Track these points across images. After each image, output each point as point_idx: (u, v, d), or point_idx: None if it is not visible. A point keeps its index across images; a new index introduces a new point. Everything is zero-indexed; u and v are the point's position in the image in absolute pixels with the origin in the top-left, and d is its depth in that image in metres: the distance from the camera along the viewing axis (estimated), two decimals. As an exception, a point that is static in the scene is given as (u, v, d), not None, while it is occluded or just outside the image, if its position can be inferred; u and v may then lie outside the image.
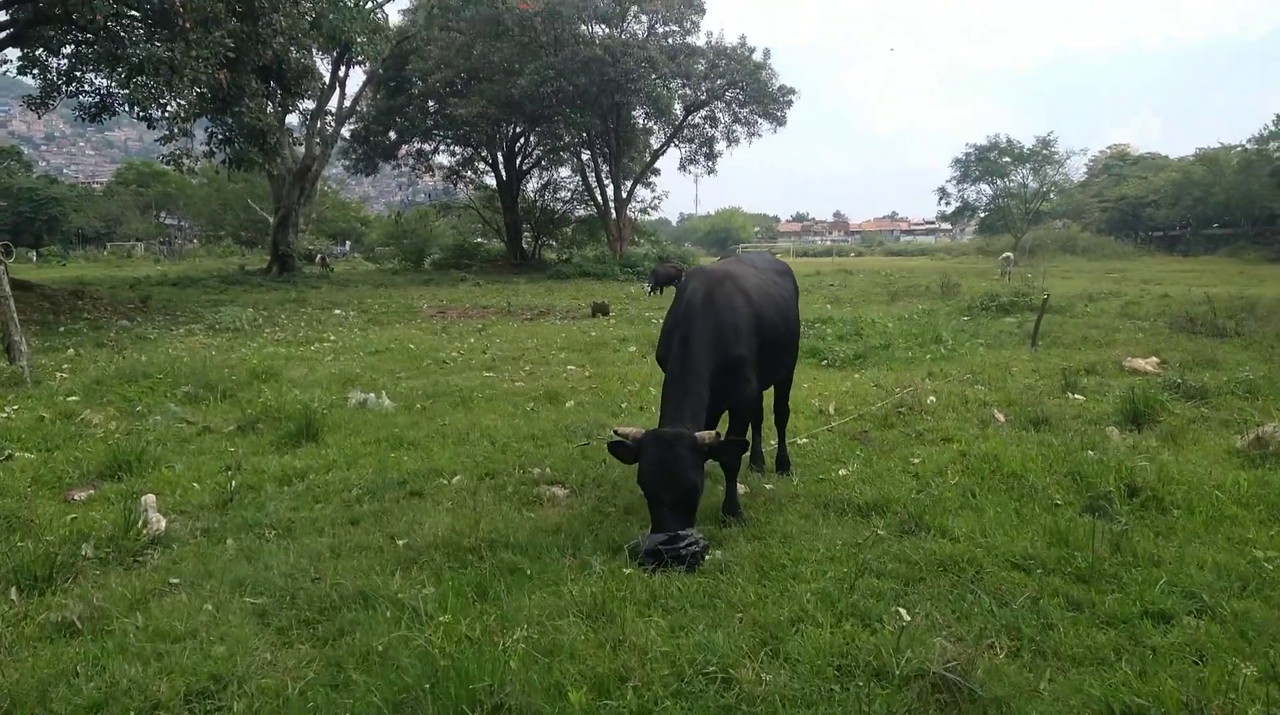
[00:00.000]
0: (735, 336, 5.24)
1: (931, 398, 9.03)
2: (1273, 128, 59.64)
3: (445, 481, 6.26)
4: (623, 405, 9.07)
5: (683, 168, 45.72)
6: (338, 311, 21.42)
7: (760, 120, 42.63)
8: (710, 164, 44.74)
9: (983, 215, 67.19)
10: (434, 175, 49.09)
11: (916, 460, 6.73)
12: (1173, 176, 67.14)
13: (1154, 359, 11.30)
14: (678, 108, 42.37)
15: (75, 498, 6.09)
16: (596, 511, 5.57)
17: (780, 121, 42.21)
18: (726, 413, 5.62)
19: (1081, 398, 9.25)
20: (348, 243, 67.05)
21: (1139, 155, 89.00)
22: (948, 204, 66.78)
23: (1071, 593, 4.22)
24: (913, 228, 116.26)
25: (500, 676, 3.16)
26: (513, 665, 3.32)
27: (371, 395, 9.04)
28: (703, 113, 43.44)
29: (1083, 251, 58.15)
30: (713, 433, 4.87)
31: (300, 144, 36.17)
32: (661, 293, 26.43)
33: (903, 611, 4.00)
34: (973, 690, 3.20)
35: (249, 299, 24.42)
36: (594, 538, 5.03)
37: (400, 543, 4.97)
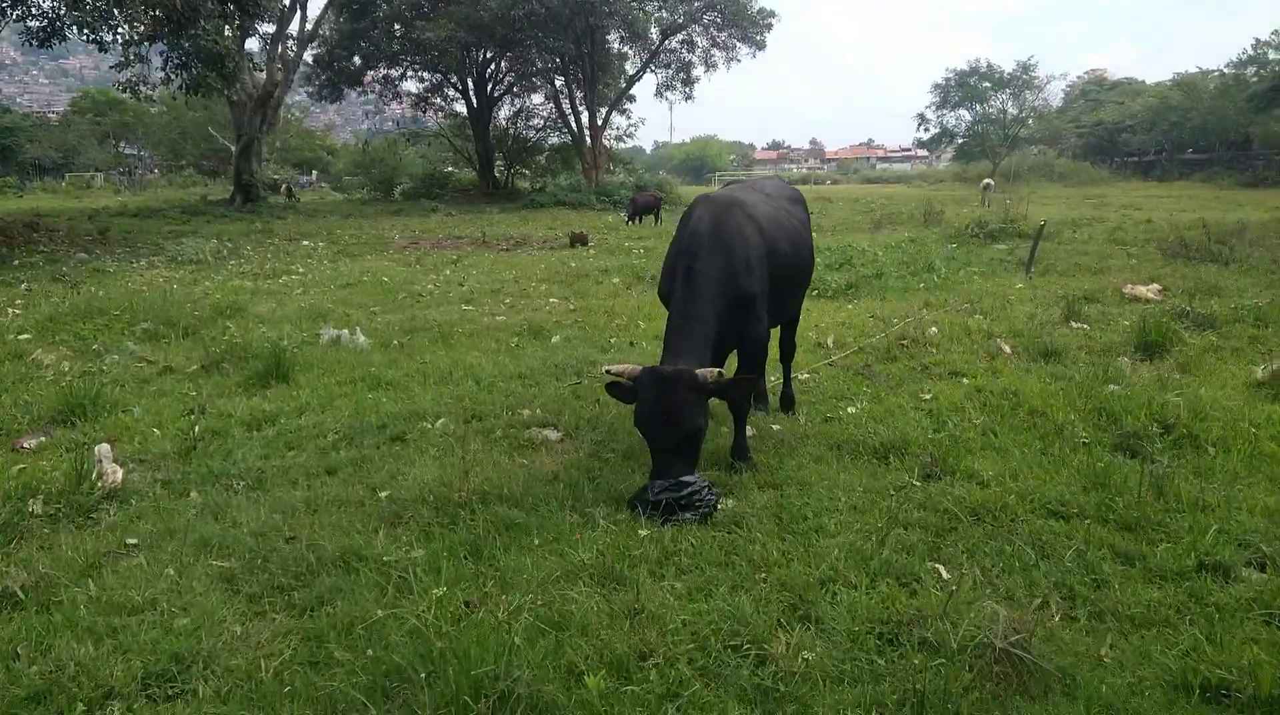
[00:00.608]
0: (746, 271, 4.77)
1: (933, 329, 8.66)
2: (1250, 52, 59.17)
3: (428, 425, 5.81)
4: (611, 340, 8.62)
5: (659, 94, 44.42)
6: (305, 242, 20.60)
7: (739, 44, 41.29)
8: (688, 90, 43.50)
9: (961, 142, 66.45)
10: (402, 102, 47.38)
11: (928, 396, 6.37)
12: (1150, 102, 66.47)
13: (1155, 286, 10.97)
14: (654, 31, 40.96)
15: (24, 446, 5.59)
16: (594, 457, 5.16)
17: (760, 45, 40.91)
18: (734, 353, 5.17)
19: (1086, 327, 8.92)
20: (313, 172, 64.98)
21: (1116, 80, 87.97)
22: (926, 130, 66.00)
23: (1118, 543, 3.88)
24: (889, 155, 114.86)
25: (506, 660, 2.75)
26: (517, 642, 2.91)
27: (345, 331, 8.52)
28: (680, 36, 41.98)
29: (1059, 177, 57.64)
30: (715, 371, 4.44)
31: (261, 69, 34.55)
32: (640, 222, 25.78)
33: (941, 568, 3.65)
34: (1037, 664, 2.85)
35: (212, 230, 23.44)
36: (595, 487, 4.62)
37: (383, 495, 4.53)
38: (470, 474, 4.61)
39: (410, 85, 45.72)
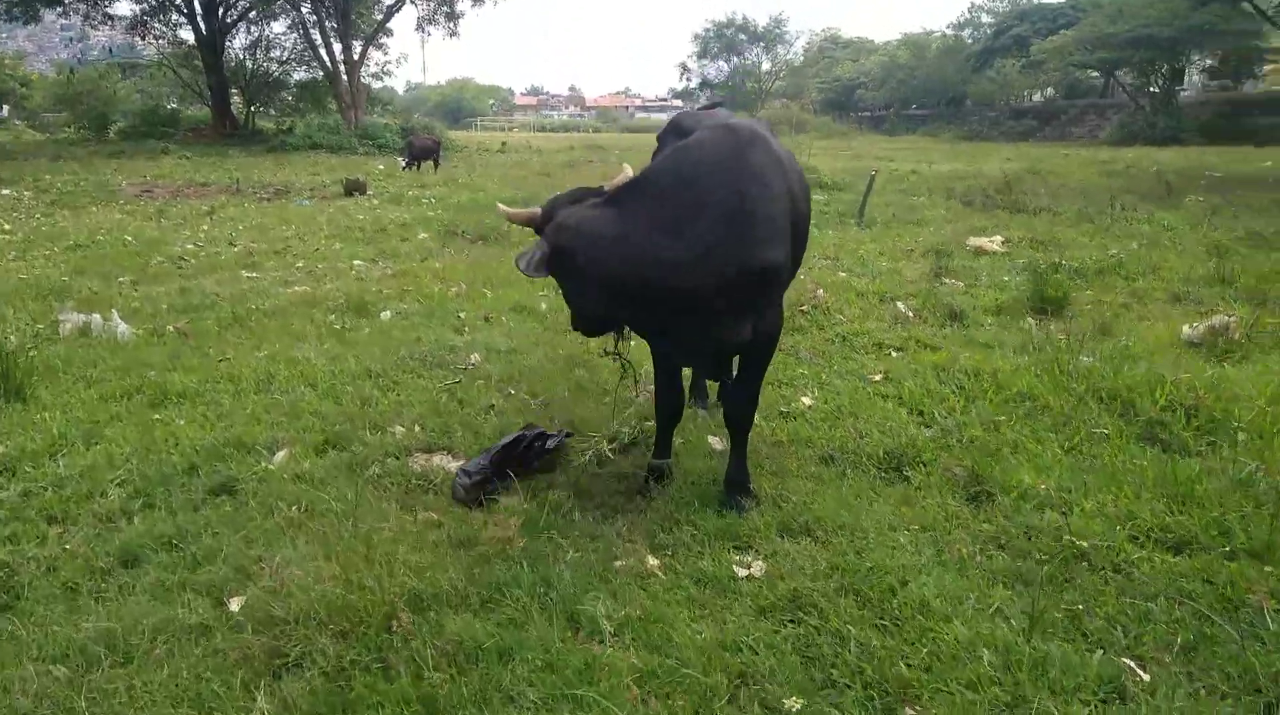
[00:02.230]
0: (772, 232, 3.39)
1: (820, 292, 7.75)
2: (968, 15, 64.70)
3: (264, 464, 4.02)
4: (460, 314, 6.97)
5: (420, 28, 41.05)
6: (6, 191, 16.65)
7: (505, -23, 38.88)
8: (452, 25, 40.45)
9: (718, 93, 67.88)
10: (113, 27, 40.59)
11: (878, 377, 5.41)
12: (881, 60, 70.92)
13: (999, 238, 10.79)
14: (413, -44, 37.61)
15: None
16: (536, 501, 3.68)
17: (527, -20, 38.72)
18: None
19: (960, 283, 8.42)
20: (4, 107, 54.80)
21: (849, 39, 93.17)
22: (689, 80, 66.80)
23: (1276, 587, 3.02)
24: (647, 104, 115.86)
25: None
26: None
27: (95, 316, 6.24)
28: (442, -36, 38.86)
29: (808, 130, 60.26)
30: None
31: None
32: (419, 168, 23.39)
33: (1133, 665, 2.60)
34: None
35: None
36: (570, 553, 3.18)
37: (235, 608, 2.84)
38: (372, 554, 3.01)
39: (123, 7, 39.18)
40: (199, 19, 38.26)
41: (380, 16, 40.16)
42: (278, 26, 41.56)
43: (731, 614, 2.87)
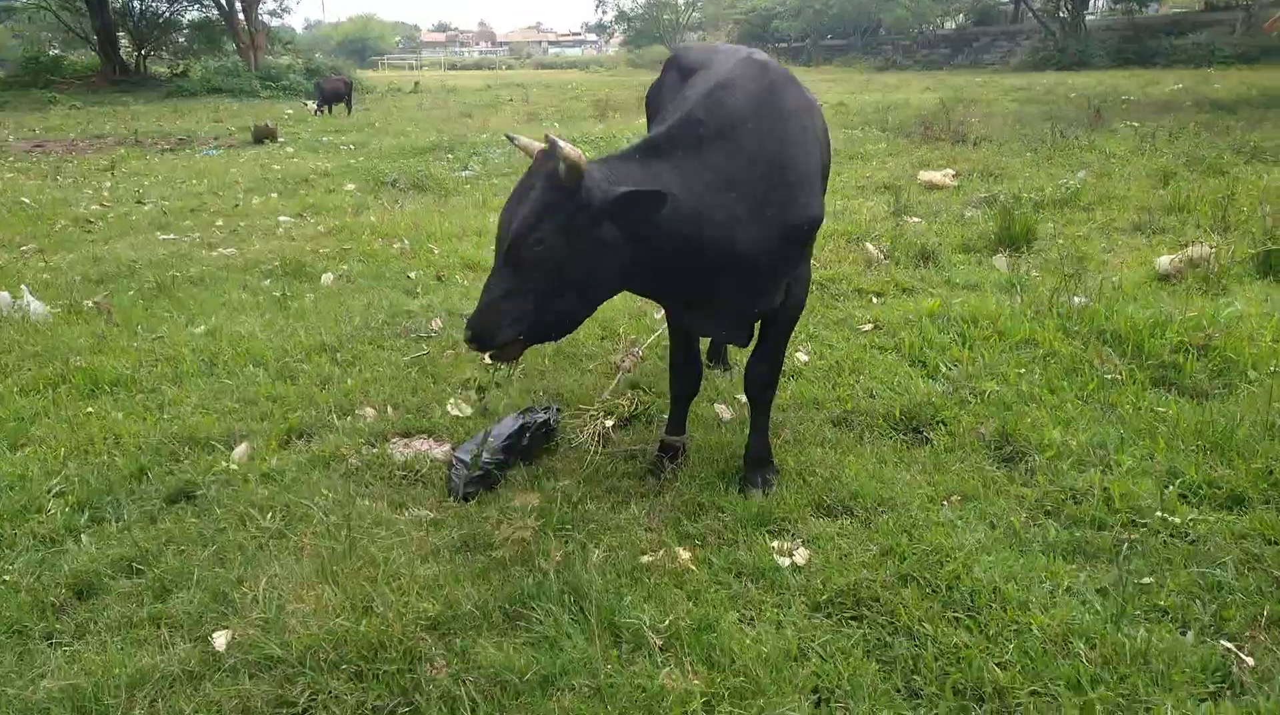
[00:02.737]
0: (813, 183, 3.03)
1: (784, 234, 7.46)
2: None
3: (224, 462, 3.56)
4: (410, 274, 6.48)
5: (319, -39, 38.85)
6: (-126, 152, 15.22)
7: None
8: (353, -42, 38.40)
9: (638, 25, 66.29)
10: (-20, -34, 37.37)
11: (868, 326, 5.16)
12: (797, -12, 69.99)
13: (949, 171, 10.62)
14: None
15: None
16: (543, 491, 3.32)
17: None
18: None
19: (921, 222, 8.22)
20: None
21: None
22: (604, 12, 65.07)
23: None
24: (560, 39, 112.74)
25: None
26: None
27: (5, 294, 5.54)
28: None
29: (729, 62, 59.27)
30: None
31: None
32: (330, 111, 22.20)
33: (1231, 647, 2.40)
34: None
35: None
36: (595, 562, 2.85)
37: (220, 644, 2.44)
38: (379, 577, 2.62)
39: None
40: (77, -45, 35.45)
41: (276, -51, 37.80)
42: (164, -39, 38.84)
43: (785, 614, 2.59)
